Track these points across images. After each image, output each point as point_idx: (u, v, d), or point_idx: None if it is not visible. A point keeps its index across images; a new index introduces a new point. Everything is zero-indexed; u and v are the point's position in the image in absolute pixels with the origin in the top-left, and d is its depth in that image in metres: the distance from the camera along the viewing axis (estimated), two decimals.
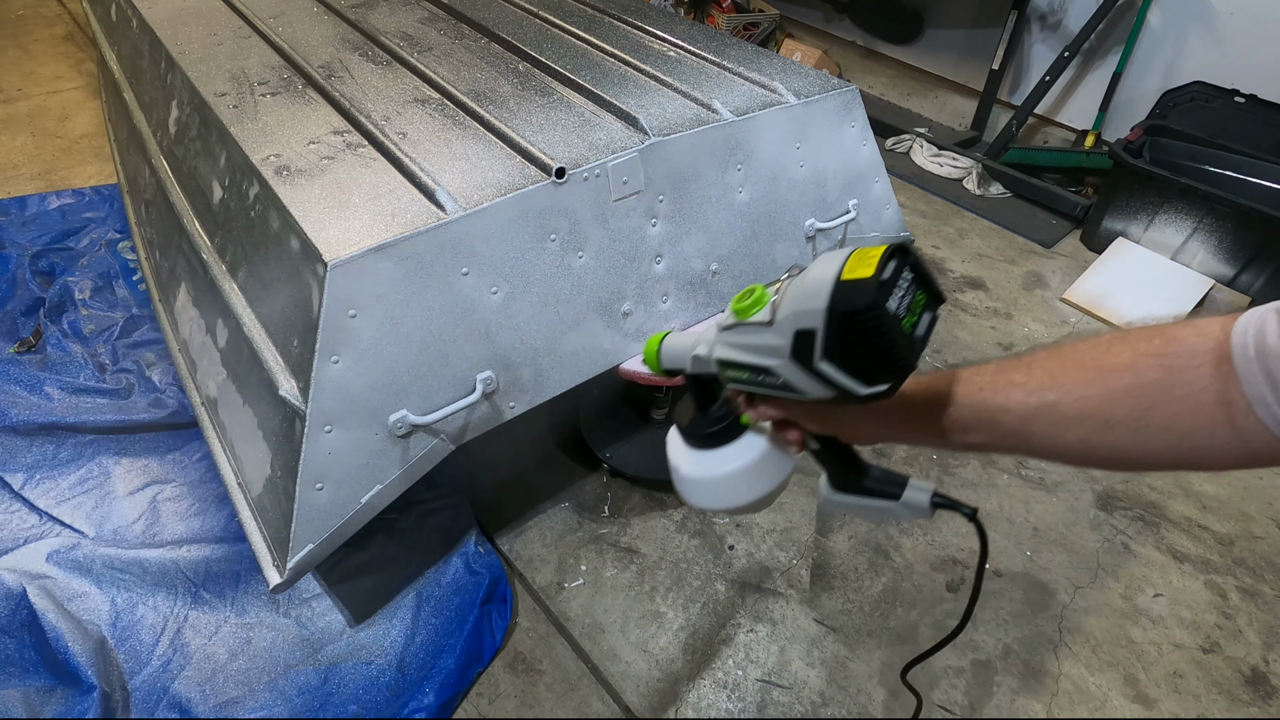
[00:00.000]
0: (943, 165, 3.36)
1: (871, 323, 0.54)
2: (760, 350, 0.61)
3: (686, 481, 0.78)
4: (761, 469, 0.74)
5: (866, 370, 0.56)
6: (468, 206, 1.34)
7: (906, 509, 0.70)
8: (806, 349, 0.57)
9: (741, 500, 0.75)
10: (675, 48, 2.09)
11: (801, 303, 0.57)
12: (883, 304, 0.53)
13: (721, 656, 1.59)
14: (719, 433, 0.74)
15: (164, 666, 1.49)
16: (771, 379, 0.61)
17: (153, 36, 2.07)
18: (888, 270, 0.54)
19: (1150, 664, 1.62)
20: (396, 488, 1.39)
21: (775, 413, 0.69)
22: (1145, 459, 0.57)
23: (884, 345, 0.55)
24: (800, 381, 0.59)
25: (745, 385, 0.66)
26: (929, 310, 0.58)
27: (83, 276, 2.34)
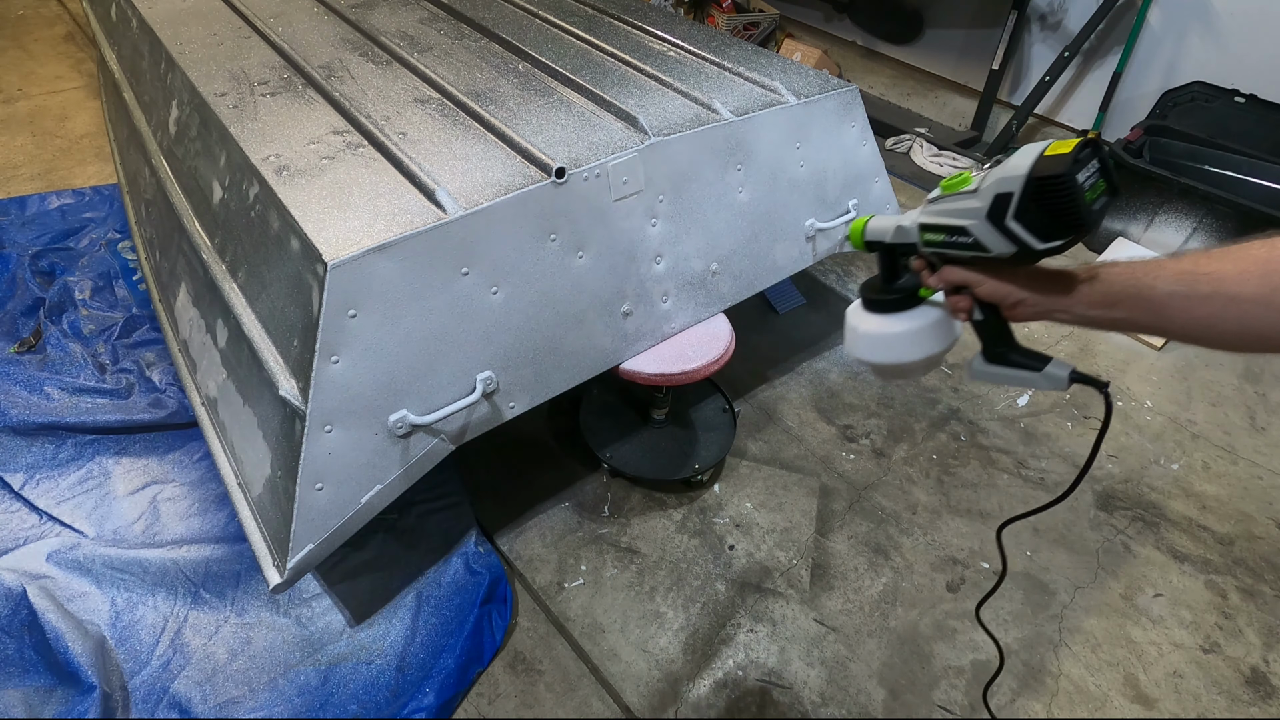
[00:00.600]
0: (943, 165, 3.36)
1: (1061, 188, 0.68)
2: (960, 213, 0.76)
3: (866, 337, 0.92)
4: (931, 332, 0.88)
5: (1047, 228, 0.71)
6: (468, 206, 1.34)
7: (1047, 380, 0.81)
8: (1001, 209, 0.72)
9: (911, 357, 0.89)
10: (675, 48, 2.09)
11: (1005, 173, 0.71)
12: (1073, 175, 0.68)
13: (721, 656, 1.59)
14: (900, 300, 0.89)
15: (164, 666, 1.49)
16: (964, 238, 0.77)
17: (153, 36, 2.07)
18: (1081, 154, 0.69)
19: (1150, 664, 1.62)
20: (396, 488, 1.40)
21: (958, 273, 0.81)
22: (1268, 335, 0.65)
23: (1067, 207, 0.69)
24: (988, 238, 0.74)
25: (939, 246, 0.81)
26: (1106, 195, 0.71)
27: (83, 276, 2.34)
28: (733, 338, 1.75)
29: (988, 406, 2.21)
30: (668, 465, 1.89)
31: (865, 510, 1.90)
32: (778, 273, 1.95)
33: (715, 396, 2.07)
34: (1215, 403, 2.27)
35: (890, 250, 0.89)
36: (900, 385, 2.25)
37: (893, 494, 1.94)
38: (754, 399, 2.19)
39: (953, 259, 0.81)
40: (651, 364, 1.67)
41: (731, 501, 1.90)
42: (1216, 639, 1.66)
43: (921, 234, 0.82)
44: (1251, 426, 2.20)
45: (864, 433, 2.11)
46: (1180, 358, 2.44)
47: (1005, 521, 1.00)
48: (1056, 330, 2.51)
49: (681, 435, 1.97)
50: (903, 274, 0.90)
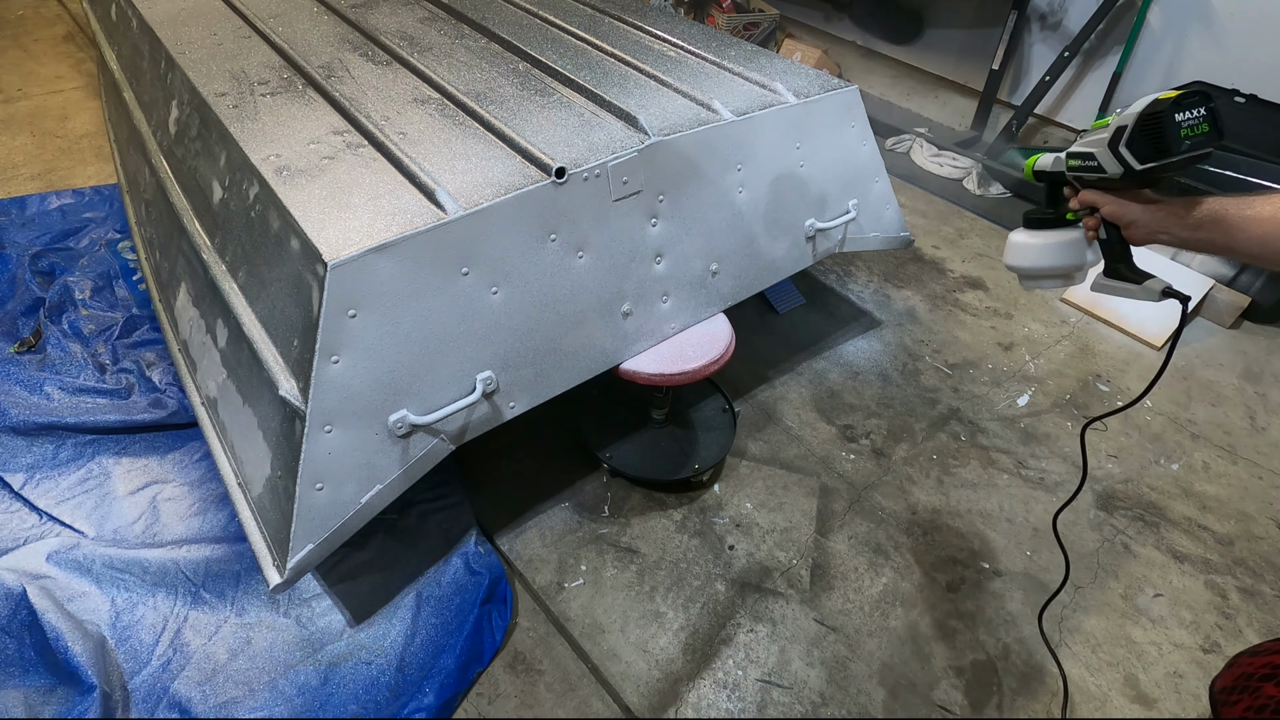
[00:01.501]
0: (943, 165, 3.36)
1: (1162, 120, 0.91)
2: (1093, 144, 1.00)
3: (1019, 246, 1.16)
4: (1070, 248, 1.10)
5: (1144, 152, 0.94)
6: (468, 206, 1.34)
7: (1144, 292, 1.02)
8: (1118, 139, 0.95)
9: (1050, 263, 1.12)
10: (675, 48, 2.09)
11: (1128, 110, 0.95)
12: (1171, 114, 0.90)
13: (721, 656, 1.59)
14: (1053, 219, 1.12)
15: (164, 666, 1.49)
16: (1092, 162, 1.00)
17: (153, 36, 2.07)
18: (1186, 100, 0.90)
19: (1150, 664, 1.62)
20: (396, 488, 1.40)
21: (1090, 195, 1.04)
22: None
23: (1159, 136, 0.91)
24: (1107, 161, 0.98)
25: (1077, 171, 1.04)
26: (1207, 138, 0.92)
27: (83, 276, 2.34)
28: (733, 338, 1.75)
29: (988, 406, 2.21)
30: (668, 465, 1.89)
31: (865, 510, 1.90)
32: (778, 273, 1.95)
33: (715, 396, 2.07)
34: (1215, 403, 2.27)
35: (1052, 180, 1.12)
36: (899, 385, 2.25)
37: (893, 494, 1.94)
38: (754, 399, 2.19)
39: (1087, 182, 1.04)
40: (651, 364, 1.67)
41: (731, 501, 1.90)
42: (1216, 639, 1.66)
43: (1067, 160, 1.06)
44: (1251, 426, 2.20)
45: (864, 433, 2.11)
46: (1180, 357, 2.44)
47: (1089, 421, 1.35)
48: (1056, 331, 2.51)
49: (681, 435, 1.97)
50: (1060, 202, 1.12)
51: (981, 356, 2.40)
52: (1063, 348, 2.45)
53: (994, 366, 2.36)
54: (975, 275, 2.77)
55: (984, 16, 3.46)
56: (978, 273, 2.79)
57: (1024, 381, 2.31)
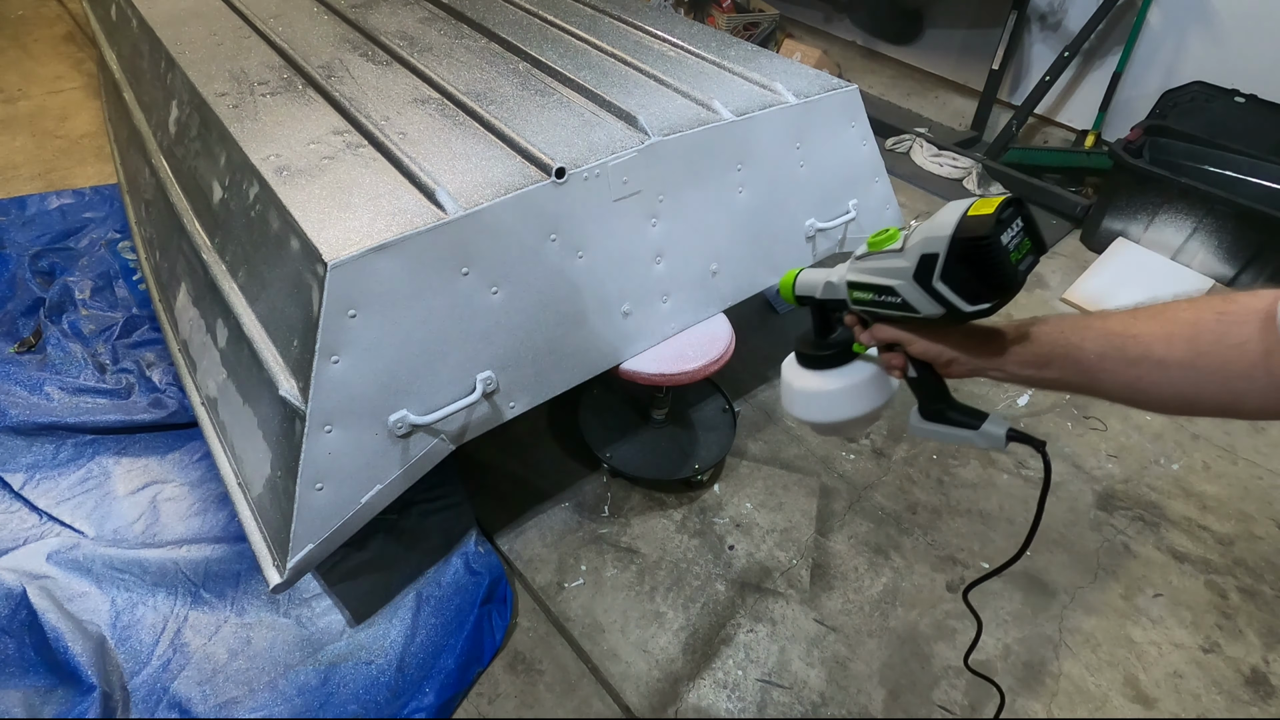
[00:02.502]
0: (943, 165, 3.36)
1: (986, 250, 0.66)
2: (888, 272, 0.74)
3: (801, 395, 0.91)
4: (866, 389, 0.87)
5: (974, 290, 0.69)
6: (468, 206, 1.34)
7: (984, 438, 0.78)
8: (928, 270, 0.69)
9: (845, 414, 0.88)
10: (675, 48, 2.09)
11: (929, 233, 0.69)
12: (997, 237, 0.66)
13: (721, 656, 1.59)
14: (834, 356, 0.88)
15: (164, 666, 1.49)
16: (892, 298, 0.74)
17: (153, 36, 2.07)
18: (1005, 213, 0.67)
19: (1150, 664, 1.62)
20: (396, 488, 1.39)
21: (888, 332, 0.80)
22: (1195, 399, 0.65)
23: (993, 269, 0.67)
24: (917, 299, 0.72)
25: (868, 305, 0.79)
26: (1032, 255, 0.70)
27: (83, 276, 2.34)
28: (733, 338, 1.75)
29: (988, 406, 2.20)
30: (668, 465, 1.89)
31: (865, 510, 1.90)
32: (778, 273, 1.94)
33: (715, 396, 2.07)
34: None
35: (822, 305, 0.88)
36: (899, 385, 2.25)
37: (893, 494, 1.94)
38: (754, 399, 2.19)
39: (882, 318, 0.80)
40: (651, 364, 1.67)
41: (731, 501, 1.90)
42: (1216, 639, 1.66)
43: (850, 292, 0.80)
44: (1251, 426, 2.20)
45: (864, 433, 2.11)
46: None
47: (969, 585, 1.01)
48: None
49: (681, 435, 1.97)
50: (836, 328, 0.89)
51: None
52: None
53: None
54: None
55: (984, 16, 3.46)
56: None
57: None
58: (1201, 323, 0.63)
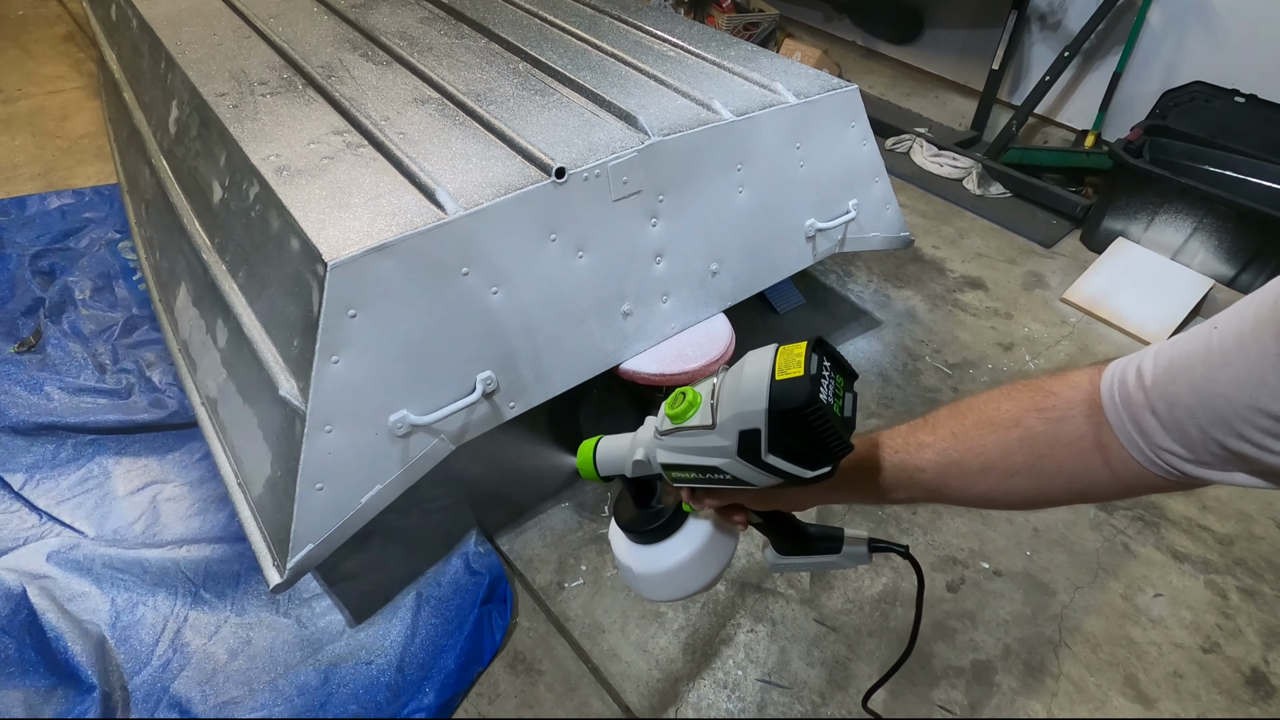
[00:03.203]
0: (943, 165, 3.36)
1: (811, 416, 0.58)
2: (706, 451, 0.65)
3: (642, 579, 0.81)
4: (710, 552, 0.78)
5: (811, 457, 0.61)
6: (468, 206, 1.34)
7: (848, 559, 0.76)
8: (753, 446, 0.61)
9: (697, 585, 0.79)
10: (675, 48, 2.09)
11: (742, 405, 0.61)
12: (818, 398, 0.58)
13: (721, 656, 1.59)
14: (663, 526, 0.78)
15: (164, 666, 1.49)
16: (720, 475, 0.65)
17: (153, 36, 2.07)
18: (814, 365, 0.59)
19: (1150, 664, 1.61)
20: (396, 488, 1.40)
21: (723, 501, 0.74)
22: (1045, 499, 0.64)
23: (824, 433, 0.59)
24: (749, 475, 0.64)
25: (693, 483, 0.70)
26: (849, 391, 0.64)
27: (83, 276, 2.34)
28: (733, 338, 1.75)
29: None
30: None
31: (865, 510, 1.90)
32: (778, 273, 1.95)
33: None
34: None
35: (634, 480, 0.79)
36: (899, 386, 2.25)
37: None
38: None
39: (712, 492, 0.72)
40: (651, 364, 1.67)
41: None
42: (1216, 639, 1.66)
43: (668, 473, 0.71)
44: None
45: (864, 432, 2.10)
46: None
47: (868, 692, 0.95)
48: (1056, 331, 2.51)
49: None
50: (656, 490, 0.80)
51: (981, 356, 2.40)
52: (1063, 348, 2.45)
53: (994, 366, 2.36)
54: (975, 275, 2.77)
55: (984, 16, 3.46)
56: (978, 273, 2.78)
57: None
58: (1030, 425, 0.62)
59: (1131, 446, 0.56)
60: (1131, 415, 0.55)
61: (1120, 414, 0.56)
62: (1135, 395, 0.55)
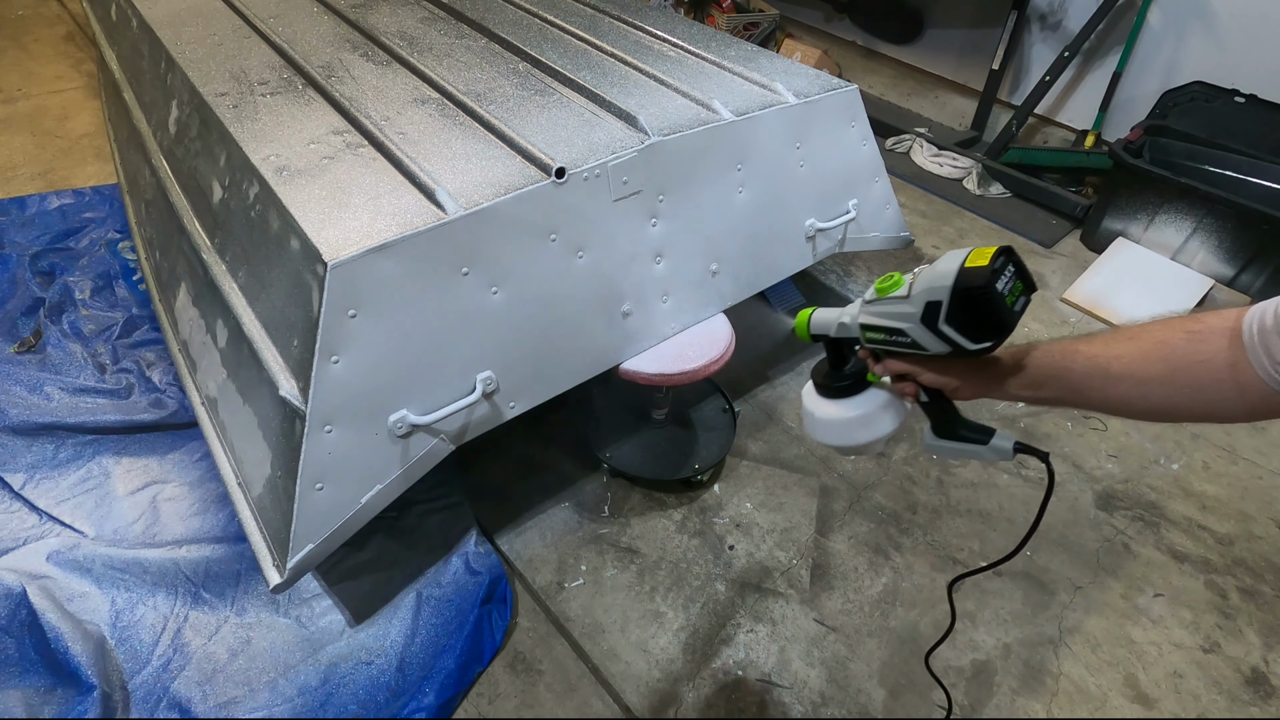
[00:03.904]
0: (943, 165, 3.36)
1: (983, 297, 0.75)
2: (897, 317, 0.83)
3: (821, 423, 0.98)
4: (882, 414, 0.94)
5: (976, 331, 0.77)
6: (468, 206, 1.34)
7: (993, 452, 0.86)
8: (934, 315, 0.78)
9: (862, 439, 0.96)
10: (675, 48, 2.09)
11: (932, 282, 0.78)
12: (993, 285, 0.74)
13: (721, 656, 1.59)
14: (849, 386, 0.95)
15: (164, 666, 1.49)
16: (903, 338, 0.83)
17: (153, 36, 2.07)
18: (998, 263, 0.75)
19: (1150, 664, 1.61)
20: (396, 488, 1.40)
21: (900, 366, 0.89)
22: (1175, 411, 0.74)
23: (991, 314, 0.75)
24: (925, 340, 0.81)
25: (880, 344, 0.87)
26: (1024, 296, 0.78)
27: (83, 276, 2.34)
28: (733, 338, 1.75)
29: (988, 406, 2.21)
30: (668, 465, 1.89)
31: (865, 510, 1.90)
32: (778, 273, 1.95)
33: (715, 396, 2.07)
34: None
35: (836, 342, 0.96)
36: None
37: (893, 494, 1.94)
38: (754, 399, 2.19)
39: (894, 354, 0.88)
40: (651, 364, 1.67)
41: (731, 501, 1.90)
42: (1216, 639, 1.66)
43: (863, 333, 0.89)
44: (1251, 426, 2.20)
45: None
46: None
47: (956, 578, 1.08)
48: (1056, 331, 2.51)
49: (681, 435, 1.97)
50: (850, 360, 0.96)
51: None
52: None
53: None
54: None
55: (984, 16, 3.46)
56: None
57: None
58: (1173, 342, 0.72)
59: (1260, 368, 0.65)
60: (1264, 341, 0.64)
61: (1254, 339, 0.65)
62: (1269, 323, 0.64)
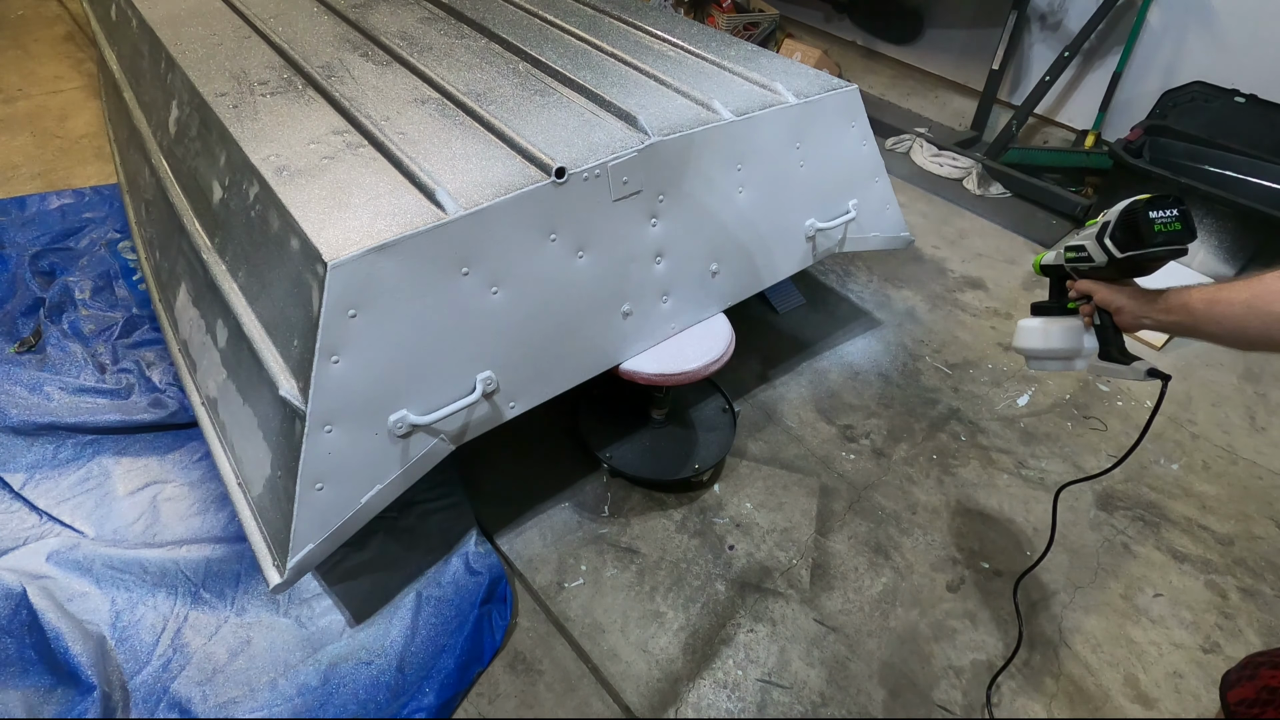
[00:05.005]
0: (943, 165, 3.36)
1: (1134, 217, 1.06)
2: (1085, 237, 1.16)
3: (1029, 330, 1.29)
4: (1071, 332, 1.24)
5: (1123, 242, 1.08)
6: (468, 206, 1.34)
7: (1133, 372, 1.15)
8: (1104, 231, 1.11)
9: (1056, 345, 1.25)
10: (675, 48, 2.09)
11: (1110, 212, 1.11)
12: (1145, 211, 1.05)
13: (721, 656, 1.59)
14: (1056, 309, 1.27)
15: (164, 666, 1.49)
16: (1084, 253, 1.16)
17: (153, 36, 2.07)
18: (1159, 200, 1.05)
19: (1150, 664, 1.62)
20: (396, 488, 1.40)
21: (1084, 285, 1.18)
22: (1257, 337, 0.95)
23: (1137, 232, 1.06)
24: (1094, 250, 1.13)
25: (1073, 260, 1.19)
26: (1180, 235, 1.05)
27: (83, 276, 2.34)
28: (733, 338, 1.75)
29: (987, 406, 2.21)
30: (668, 465, 1.89)
31: (865, 510, 1.90)
32: (778, 273, 1.95)
33: (715, 396, 2.07)
34: (1215, 403, 2.27)
35: (1055, 274, 1.27)
36: (900, 386, 2.25)
37: (893, 494, 1.94)
38: (754, 399, 2.19)
39: (1081, 272, 1.19)
40: (651, 364, 1.67)
41: (731, 501, 1.90)
42: (1216, 639, 1.66)
43: (1065, 253, 1.21)
44: (1251, 426, 2.20)
45: (864, 433, 2.11)
46: (1179, 358, 2.44)
47: (1063, 485, 1.47)
48: None
49: (681, 435, 1.97)
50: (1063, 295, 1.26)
51: (981, 356, 2.40)
52: None
53: (994, 366, 2.36)
54: (975, 275, 2.77)
55: (984, 16, 3.46)
56: (978, 273, 2.78)
57: (1024, 381, 2.31)
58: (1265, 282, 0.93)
59: None
60: None
61: None
62: None
